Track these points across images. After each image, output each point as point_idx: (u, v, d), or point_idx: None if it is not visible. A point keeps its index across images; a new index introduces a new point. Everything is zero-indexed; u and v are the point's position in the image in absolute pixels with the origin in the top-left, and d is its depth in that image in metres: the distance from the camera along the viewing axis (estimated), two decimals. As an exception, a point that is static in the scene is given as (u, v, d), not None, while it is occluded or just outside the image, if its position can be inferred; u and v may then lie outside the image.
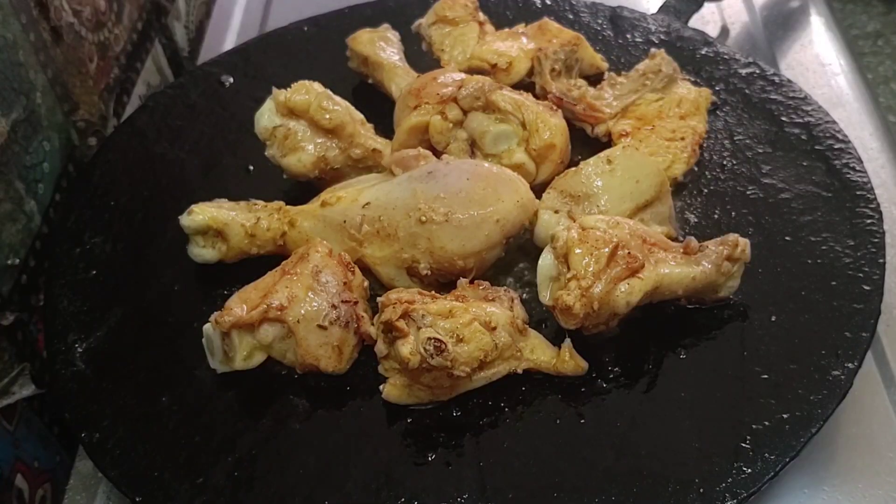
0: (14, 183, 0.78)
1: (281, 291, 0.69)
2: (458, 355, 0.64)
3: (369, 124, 0.86)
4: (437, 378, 0.65)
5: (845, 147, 0.83)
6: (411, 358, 0.63)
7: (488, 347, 0.66)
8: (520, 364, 0.68)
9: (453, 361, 0.64)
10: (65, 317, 0.77)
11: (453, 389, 0.67)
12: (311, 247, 0.72)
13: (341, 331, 0.69)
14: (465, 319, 0.66)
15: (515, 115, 0.81)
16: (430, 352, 0.63)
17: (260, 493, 0.64)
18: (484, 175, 0.75)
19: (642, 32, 1.01)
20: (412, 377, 0.66)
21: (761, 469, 0.62)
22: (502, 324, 0.67)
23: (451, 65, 0.93)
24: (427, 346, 0.63)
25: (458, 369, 0.65)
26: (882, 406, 0.73)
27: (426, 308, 0.66)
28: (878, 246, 0.74)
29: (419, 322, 0.65)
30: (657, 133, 0.86)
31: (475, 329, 0.66)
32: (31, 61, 0.83)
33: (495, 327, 0.67)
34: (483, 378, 0.67)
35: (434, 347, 0.63)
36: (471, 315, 0.66)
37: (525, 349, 0.69)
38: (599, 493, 0.62)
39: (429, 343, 0.63)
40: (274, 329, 0.68)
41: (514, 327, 0.68)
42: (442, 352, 0.63)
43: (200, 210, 0.77)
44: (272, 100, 0.83)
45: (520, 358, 0.68)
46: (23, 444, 0.75)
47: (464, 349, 0.65)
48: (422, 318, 0.65)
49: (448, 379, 0.66)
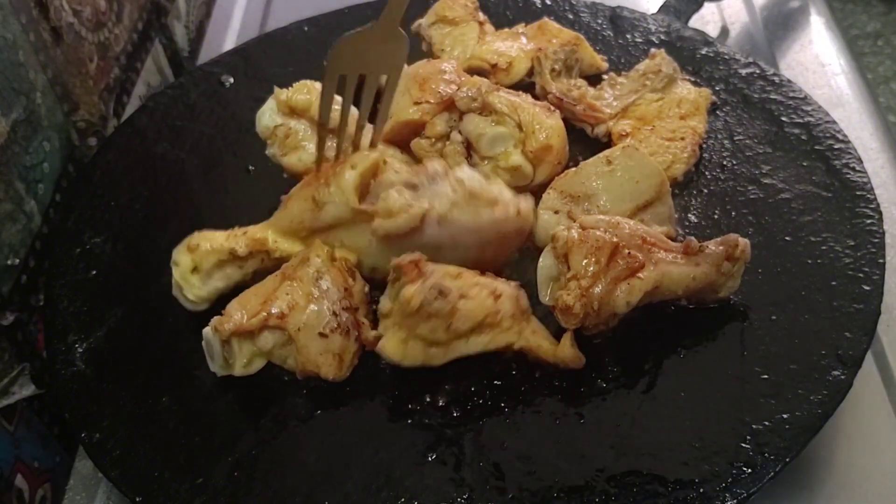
0: (14, 183, 0.78)
1: (281, 298, 0.68)
2: (460, 307, 0.65)
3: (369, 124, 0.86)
4: (435, 329, 0.66)
5: (845, 147, 0.83)
6: (414, 297, 0.64)
7: (490, 310, 0.67)
8: (518, 340, 0.69)
9: (453, 311, 0.65)
10: (65, 317, 0.77)
11: (448, 350, 0.68)
12: (312, 250, 0.72)
13: (342, 338, 0.69)
14: (472, 282, 0.67)
15: (512, 116, 0.81)
16: (434, 295, 0.64)
17: (260, 493, 0.64)
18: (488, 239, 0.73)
19: (642, 32, 1.01)
20: (410, 326, 0.66)
21: (761, 469, 0.62)
22: (507, 295, 0.68)
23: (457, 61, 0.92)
24: (431, 290, 0.64)
25: (458, 322, 0.65)
26: (882, 406, 0.73)
27: (437, 269, 0.67)
28: (878, 246, 0.74)
29: (428, 275, 0.66)
30: (657, 133, 0.86)
31: (480, 291, 0.67)
32: (31, 61, 0.83)
33: (500, 296, 0.68)
34: (479, 343, 0.68)
35: (438, 291, 0.64)
36: (478, 281, 0.68)
37: (526, 330, 0.69)
38: (599, 493, 0.62)
39: (433, 289, 0.65)
40: (274, 336, 0.68)
41: (517, 306, 0.68)
42: (444, 296, 0.64)
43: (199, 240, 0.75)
44: (273, 99, 0.84)
45: (519, 334, 0.69)
46: (23, 444, 0.75)
47: (465, 304, 0.66)
48: (431, 273, 0.66)
49: (445, 332, 0.66)
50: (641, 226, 0.71)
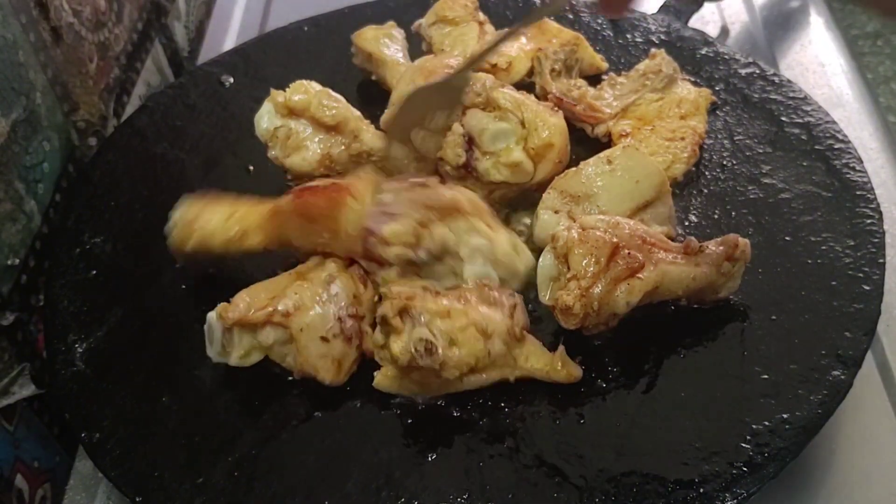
0: (14, 183, 0.78)
1: (289, 297, 0.68)
2: (449, 359, 0.64)
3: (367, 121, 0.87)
4: (426, 376, 0.66)
5: (845, 147, 0.83)
6: (401, 356, 0.64)
7: (481, 354, 0.66)
8: (513, 372, 0.68)
9: (443, 364, 0.64)
10: (65, 317, 0.77)
11: (442, 389, 0.68)
12: (331, 257, 0.72)
13: (343, 345, 0.69)
14: (462, 323, 0.65)
15: (515, 113, 0.81)
16: (420, 352, 0.63)
17: (260, 493, 0.64)
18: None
19: (642, 32, 1.01)
20: (402, 372, 0.66)
21: (761, 469, 0.61)
22: (499, 332, 0.67)
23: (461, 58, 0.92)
24: (418, 347, 0.63)
25: (448, 372, 0.65)
26: (882, 406, 0.73)
27: (425, 307, 0.65)
28: (878, 246, 0.74)
29: (416, 320, 0.65)
30: (657, 133, 0.86)
31: (470, 334, 0.65)
32: (31, 61, 0.83)
33: (491, 335, 0.66)
34: (474, 382, 0.67)
35: (424, 349, 0.63)
36: (468, 319, 0.66)
37: (520, 357, 0.68)
38: (599, 493, 0.62)
39: (420, 343, 0.63)
40: (276, 333, 0.68)
41: (510, 336, 0.67)
42: (432, 354, 0.63)
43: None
44: (270, 101, 0.83)
45: (513, 366, 0.68)
46: (23, 444, 0.75)
47: (455, 353, 0.65)
48: (419, 316, 0.65)
49: (437, 378, 0.66)
50: (641, 226, 0.71)
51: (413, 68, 0.86)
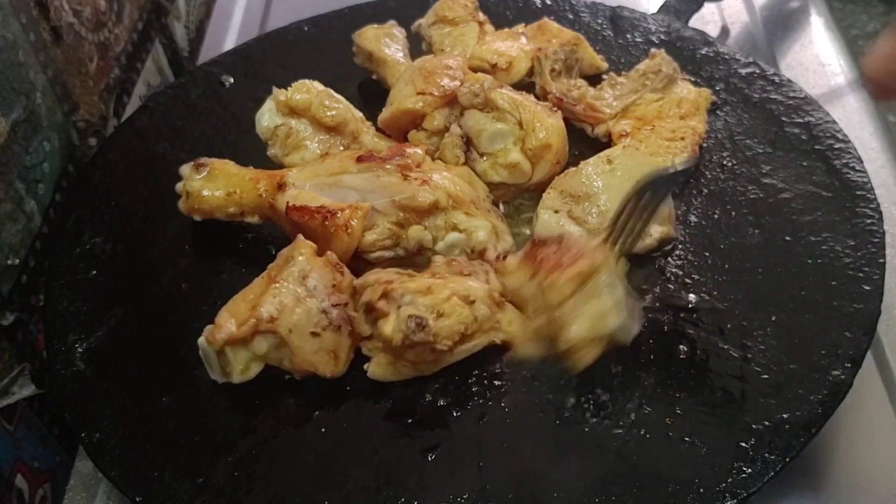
0: (14, 183, 0.78)
1: (269, 302, 0.67)
2: (440, 330, 0.66)
3: (368, 122, 0.87)
4: (420, 353, 0.66)
5: (845, 147, 0.83)
6: (394, 336, 0.64)
7: (468, 320, 0.67)
8: (498, 335, 0.70)
9: (435, 336, 0.65)
10: (65, 317, 0.77)
11: (436, 363, 0.68)
12: (296, 248, 0.71)
13: (334, 335, 0.69)
14: (444, 295, 0.67)
15: (513, 114, 0.81)
16: (412, 329, 0.64)
17: (260, 493, 0.64)
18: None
19: (642, 32, 1.01)
20: (396, 354, 0.67)
21: (761, 469, 0.61)
22: (480, 297, 0.69)
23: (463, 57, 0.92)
24: (409, 324, 0.64)
25: (441, 343, 0.66)
26: (882, 406, 0.73)
27: (405, 287, 0.67)
28: (878, 246, 0.74)
29: (399, 301, 0.66)
30: (657, 133, 0.86)
31: (454, 303, 0.67)
32: (31, 61, 0.83)
33: (474, 301, 0.68)
34: (464, 351, 0.68)
35: (416, 324, 0.64)
36: (449, 290, 0.67)
37: (503, 321, 0.70)
38: (599, 493, 0.62)
39: (410, 320, 0.65)
40: (267, 340, 0.68)
41: (491, 300, 0.69)
42: (423, 328, 0.64)
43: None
44: (272, 100, 0.84)
45: (498, 328, 0.70)
46: (23, 444, 0.75)
47: (444, 324, 0.66)
48: (401, 297, 0.66)
49: (431, 353, 0.67)
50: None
51: (413, 68, 0.86)
